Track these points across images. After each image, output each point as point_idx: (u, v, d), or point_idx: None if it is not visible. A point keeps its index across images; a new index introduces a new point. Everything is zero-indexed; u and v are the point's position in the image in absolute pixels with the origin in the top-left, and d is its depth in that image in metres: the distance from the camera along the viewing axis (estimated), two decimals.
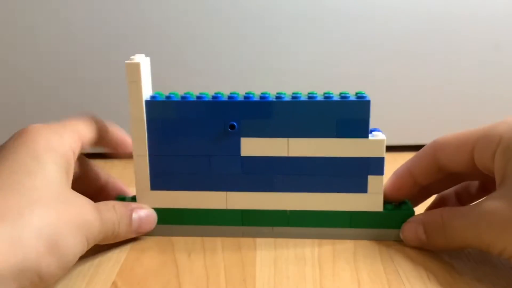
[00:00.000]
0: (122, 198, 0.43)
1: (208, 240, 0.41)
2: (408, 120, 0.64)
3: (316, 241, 0.41)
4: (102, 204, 0.37)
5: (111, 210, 0.36)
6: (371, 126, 0.40)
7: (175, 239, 0.42)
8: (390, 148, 0.63)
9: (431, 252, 0.39)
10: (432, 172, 0.39)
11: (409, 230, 0.39)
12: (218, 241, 0.41)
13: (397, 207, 0.41)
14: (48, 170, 0.32)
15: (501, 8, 0.61)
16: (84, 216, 0.33)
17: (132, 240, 0.41)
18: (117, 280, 0.36)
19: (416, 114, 0.64)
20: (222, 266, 0.37)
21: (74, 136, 0.35)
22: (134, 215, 0.39)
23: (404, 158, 0.61)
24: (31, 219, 0.28)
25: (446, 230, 0.36)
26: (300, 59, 0.61)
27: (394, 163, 0.60)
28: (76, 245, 0.31)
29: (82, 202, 0.33)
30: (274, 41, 0.61)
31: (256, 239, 0.41)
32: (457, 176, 0.41)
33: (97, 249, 0.39)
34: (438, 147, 0.39)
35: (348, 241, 0.41)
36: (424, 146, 0.40)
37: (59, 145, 0.33)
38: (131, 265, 0.38)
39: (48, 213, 0.29)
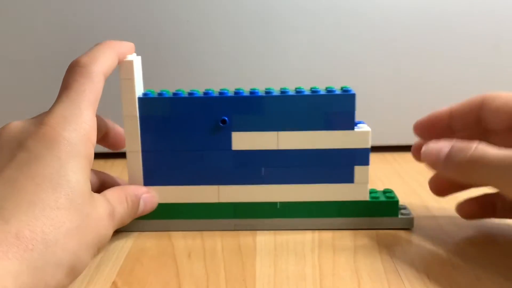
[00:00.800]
0: None
1: (208, 240, 0.42)
2: (408, 120, 0.64)
3: (316, 241, 0.41)
4: (116, 196, 0.37)
5: (123, 203, 0.37)
6: (373, 125, 0.41)
7: (175, 239, 0.42)
8: (390, 148, 0.65)
9: (431, 251, 0.39)
10: (471, 121, 0.39)
11: (434, 146, 0.36)
12: (218, 241, 0.42)
13: (382, 195, 0.43)
14: (72, 182, 0.31)
15: (501, 7, 0.62)
16: (100, 231, 0.33)
17: (132, 240, 0.42)
18: (117, 280, 0.36)
19: (416, 114, 0.64)
20: (222, 266, 0.38)
21: (92, 129, 0.35)
22: (141, 202, 0.39)
23: (404, 158, 0.63)
24: (55, 250, 0.29)
25: (472, 163, 0.33)
26: (293, 58, 0.62)
27: (394, 163, 0.62)
28: (89, 260, 0.32)
29: (99, 214, 0.33)
30: (264, 40, 0.61)
31: (256, 238, 0.42)
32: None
33: None
34: (488, 96, 0.39)
35: (348, 240, 0.41)
36: (475, 95, 0.40)
37: (80, 144, 0.33)
38: (131, 265, 0.38)
39: (70, 241, 0.30)
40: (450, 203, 0.48)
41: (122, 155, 0.63)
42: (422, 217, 0.45)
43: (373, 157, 0.62)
